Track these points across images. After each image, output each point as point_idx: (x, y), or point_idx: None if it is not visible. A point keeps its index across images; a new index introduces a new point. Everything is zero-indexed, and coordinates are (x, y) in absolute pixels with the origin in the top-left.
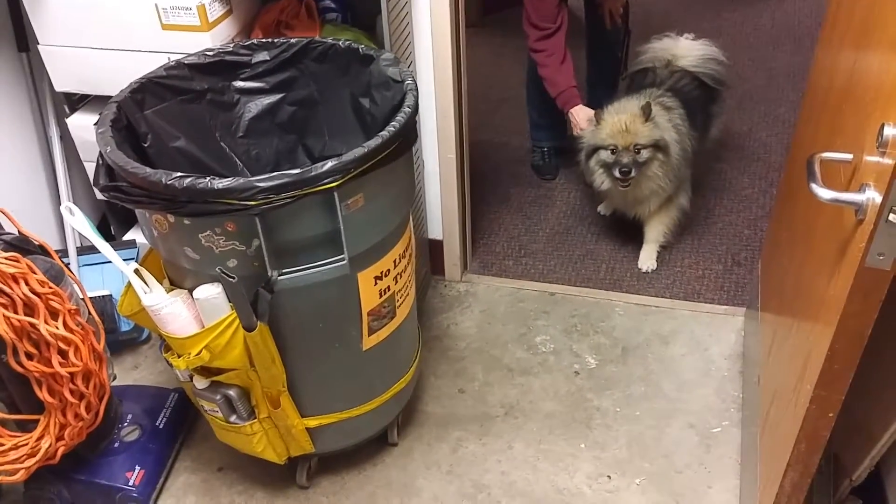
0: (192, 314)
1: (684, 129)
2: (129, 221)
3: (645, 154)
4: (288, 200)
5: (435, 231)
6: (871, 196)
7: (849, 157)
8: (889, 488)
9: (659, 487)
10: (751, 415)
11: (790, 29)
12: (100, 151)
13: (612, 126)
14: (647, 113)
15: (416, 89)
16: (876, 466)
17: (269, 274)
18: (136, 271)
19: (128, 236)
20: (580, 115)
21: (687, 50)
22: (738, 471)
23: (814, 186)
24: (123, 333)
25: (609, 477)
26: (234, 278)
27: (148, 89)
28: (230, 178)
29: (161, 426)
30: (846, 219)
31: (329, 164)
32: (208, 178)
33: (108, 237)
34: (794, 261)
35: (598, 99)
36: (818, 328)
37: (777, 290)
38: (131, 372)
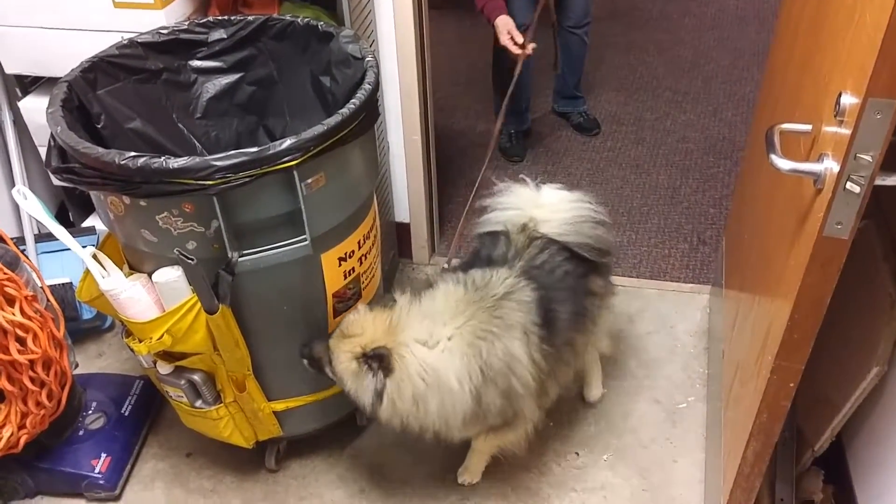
0: (152, 298)
1: (521, 357)
2: (89, 208)
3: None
4: (246, 180)
5: (402, 214)
6: (830, 165)
7: (808, 127)
8: (850, 457)
9: (626, 462)
10: (715, 389)
11: (756, 8)
12: (51, 132)
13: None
14: (378, 365)
15: (377, 66)
16: (837, 437)
17: (230, 256)
18: (94, 256)
19: (87, 223)
20: (501, 27)
21: (551, 210)
22: (704, 444)
23: (773, 157)
24: (86, 321)
25: (577, 454)
26: (193, 260)
27: (100, 68)
28: (186, 158)
29: (127, 413)
30: (805, 189)
31: (287, 142)
32: (163, 158)
33: (67, 224)
34: (755, 235)
35: (565, 84)
36: (778, 300)
37: (740, 266)
38: (95, 360)
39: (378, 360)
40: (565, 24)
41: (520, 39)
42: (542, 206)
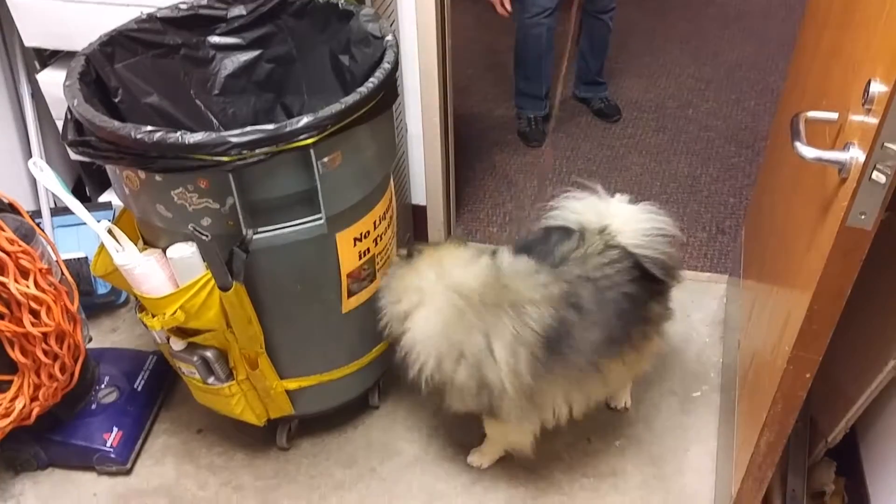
0: (166, 274)
1: (500, 361)
2: (105, 183)
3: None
4: (262, 157)
5: (418, 196)
6: (855, 154)
7: (834, 115)
8: (863, 449)
9: (638, 450)
10: (730, 380)
11: None
12: (68, 105)
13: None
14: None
15: (397, 46)
16: (851, 429)
17: (244, 233)
18: (109, 230)
19: (103, 198)
20: None
21: (624, 220)
22: (717, 434)
23: (798, 145)
24: (100, 296)
25: (589, 440)
26: (207, 237)
27: (118, 42)
28: (202, 133)
29: (139, 388)
30: (829, 179)
31: (305, 119)
32: (179, 133)
33: (84, 200)
34: (776, 225)
35: (588, 69)
36: (798, 289)
37: (759, 256)
38: (109, 335)
39: (409, 253)
40: (591, 9)
41: (508, 6)
42: (616, 215)
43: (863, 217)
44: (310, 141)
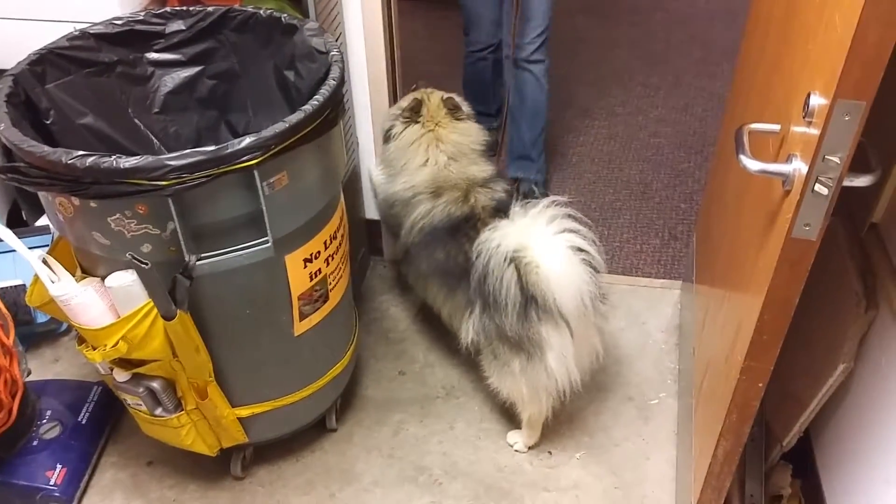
0: (105, 304)
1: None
2: (42, 207)
3: None
4: (203, 180)
5: (372, 211)
6: (798, 167)
7: (776, 127)
8: (817, 452)
9: (598, 460)
10: (686, 386)
11: (726, 3)
12: None
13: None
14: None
15: (343, 61)
16: (805, 432)
17: (187, 259)
18: (44, 260)
19: (40, 222)
20: None
21: (542, 250)
22: (675, 441)
23: (742, 158)
24: (41, 325)
25: (550, 453)
26: (147, 264)
27: (49, 61)
28: (138, 157)
29: (84, 421)
30: (774, 190)
31: (247, 140)
32: (114, 157)
33: (21, 224)
34: (725, 234)
35: (519, 137)
36: (748, 299)
37: (710, 263)
38: (51, 365)
39: (411, 110)
40: (518, 55)
41: None
42: (531, 238)
43: (807, 228)
44: (253, 162)
